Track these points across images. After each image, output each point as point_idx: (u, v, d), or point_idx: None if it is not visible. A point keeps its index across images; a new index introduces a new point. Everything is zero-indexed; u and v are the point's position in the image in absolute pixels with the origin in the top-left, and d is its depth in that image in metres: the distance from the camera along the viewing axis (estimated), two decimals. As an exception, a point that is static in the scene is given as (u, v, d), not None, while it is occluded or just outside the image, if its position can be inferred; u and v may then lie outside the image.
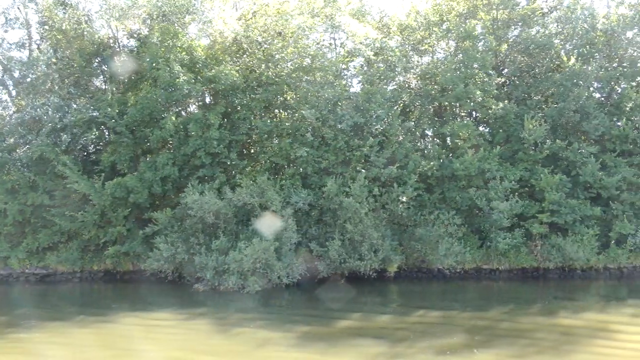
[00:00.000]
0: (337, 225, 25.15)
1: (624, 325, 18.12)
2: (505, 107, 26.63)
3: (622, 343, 16.24)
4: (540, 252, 26.71)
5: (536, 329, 17.65)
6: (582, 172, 26.46)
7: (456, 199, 26.58)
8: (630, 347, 15.88)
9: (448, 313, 19.96)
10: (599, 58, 27.36)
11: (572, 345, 16.05)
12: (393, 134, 26.43)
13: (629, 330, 17.59)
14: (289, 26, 25.04)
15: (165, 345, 16.81)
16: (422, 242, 25.56)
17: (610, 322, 18.43)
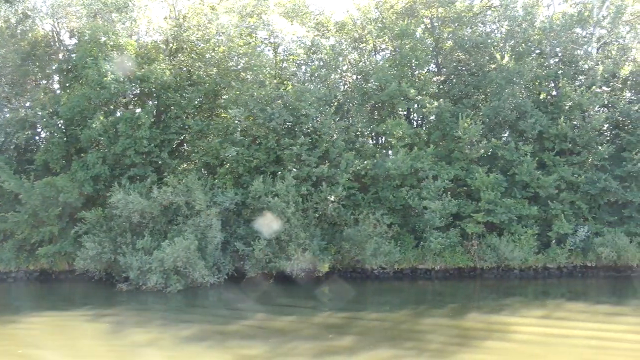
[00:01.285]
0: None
1: (524, 327, 17.72)
2: (441, 105, 26.21)
3: (509, 343, 15.89)
4: (476, 251, 26.28)
5: (433, 331, 17.30)
6: (518, 171, 26.02)
7: (390, 198, 26.20)
8: (511, 348, 15.50)
9: (356, 314, 19.57)
10: (537, 56, 26.89)
11: (458, 346, 15.64)
12: (326, 133, 26.10)
13: (525, 331, 17.19)
14: (217, 24, 24.78)
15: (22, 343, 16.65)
16: (351, 242, 25.20)
17: (513, 323, 18.02)
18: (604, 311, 19.85)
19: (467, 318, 18.90)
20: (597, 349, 15.48)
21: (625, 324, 17.96)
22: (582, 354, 15.14)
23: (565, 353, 15.20)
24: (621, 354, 15.18)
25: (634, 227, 26.89)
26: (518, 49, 26.75)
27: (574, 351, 15.32)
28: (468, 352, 15.12)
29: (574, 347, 15.60)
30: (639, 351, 15.43)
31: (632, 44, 28.03)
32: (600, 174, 27.05)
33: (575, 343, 15.93)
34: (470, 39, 26.75)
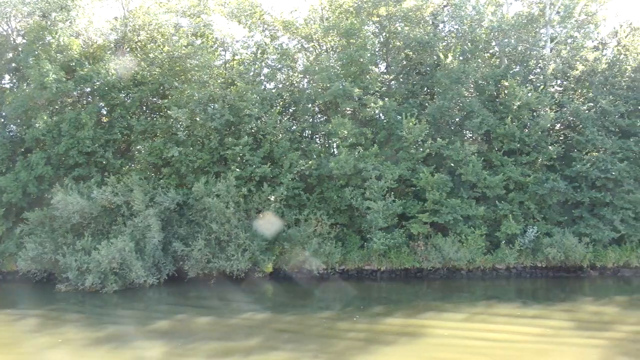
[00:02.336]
0: (204, 225, 24.72)
1: (440, 329, 17.48)
2: (386, 104, 25.93)
3: (414, 345, 15.69)
4: (422, 252, 25.98)
5: (343, 333, 17.07)
6: (464, 171, 25.69)
7: (334, 198, 25.97)
8: (412, 350, 15.32)
9: (275, 316, 19.40)
10: (484, 56, 26.57)
11: (358, 349, 15.46)
12: (270, 133, 25.91)
13: (437, 333, 16.96)
14: (156, 24, 24.66)
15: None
16: (292, 242, 25.00)
17: (430, 325, 17.84)
18: (530, 313, 19.50)
19: (386, 320, 18.62)
20: (497, 349, 15.35)
21: (541, 327, 17.66)
22: (479, 354, 14.89)
23: (463, 353, 15.01)
24: (513, 354, 15.07)
25: (583, 228, 26.51)
26: (464, 49, 26.39)
27: (473, 351, 15.19)
28: (365, 355, 14.90)
29: (475, 348, 15.49)
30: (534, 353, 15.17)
31: (583, 43, 27.58)
32: (550, 174, 26.71)
33: (479, 344, 15.79)
34: (416, 38, 26.42)
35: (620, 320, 18.47)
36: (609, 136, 27.13)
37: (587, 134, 26.43)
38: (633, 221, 26.68)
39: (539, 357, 15.04)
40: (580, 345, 15.71)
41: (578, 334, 16.87)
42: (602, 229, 26.42)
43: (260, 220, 25.04)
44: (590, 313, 19.53)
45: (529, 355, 15.15)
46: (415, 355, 15.15)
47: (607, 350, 15.20)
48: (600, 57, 27.76)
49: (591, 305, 20.78)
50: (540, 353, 15.25)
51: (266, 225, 25.04)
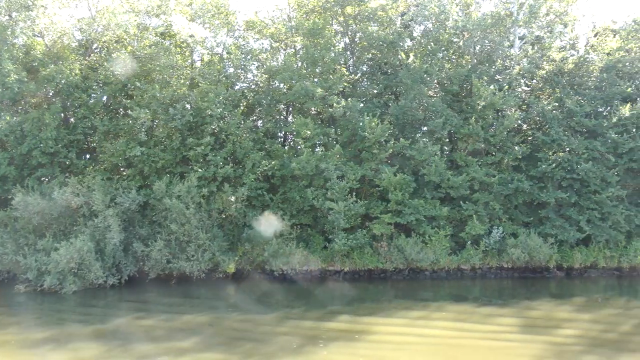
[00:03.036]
0: (165, 226, 24.66)
1: (383, 329, 17.30)
2: (348, 104, 25.81)
3: (352, 348, 15.55)
4: (386, 253, 25.85)
5: (283, 334, 16.94)
6: (427, 171, 25.55)
7: (297, 199, 25.86)
8: (348, 351, 15.20)
9: (223, 316, 19.25)
10: (448, 56, 26.40)
11: (291, 351, 15.31)
12: (232, 133, 25.83)
13: (376, 333, 16.80)
14: (115, 24, 24.59)
15: None
16: (252, 242, 24.91)
17: (377, 324, 17.70)
18: (482, 313, 19.37)
19: (333, 320, 18.47)
20: (431, 346, 15.47)
21: (487, 326, 17.54)
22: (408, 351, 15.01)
23: (395, 350, 15.12)
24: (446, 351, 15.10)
25: (549, 228, 26.37)
26: (427, 48, 26.24)
27: (405, 348, 15.31)
28: (294, 355, 14.83)
29: (409, 345, 15.63)
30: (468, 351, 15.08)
31: (550, 43, 27.39)
32: (516, 175, 26.56)
33: (414, 343, 15.87)
34: (380, 38, 26.29)
35: (569, 321, 18.31)
36: (575, 136, 26.97)
37: (552, 134, 26.26)
38: (599, 222, 26.51)
39: (470, 355, 14.92)
40: (517, 346, 15.57)
41: (520, 334, 16.78)
42: (567, 230, 26.28)
43: (258, 220, 25.02)
44: (542, 314, 19.36)
45: (459, 353, 15.06)
46: (347, 354, 15.05)
47: (541, 351, 15.05)
48: (567, 57, 27.57)
49: (545, 305, 20.60)
50: (474, 351, 15.14)
51: (263, 225, 24.98)
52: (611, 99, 27.11)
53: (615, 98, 27.10)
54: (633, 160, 26.85)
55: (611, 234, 26.61)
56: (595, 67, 27.65)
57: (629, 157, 26.74)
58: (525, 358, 14.65)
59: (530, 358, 14.62)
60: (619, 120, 26.52)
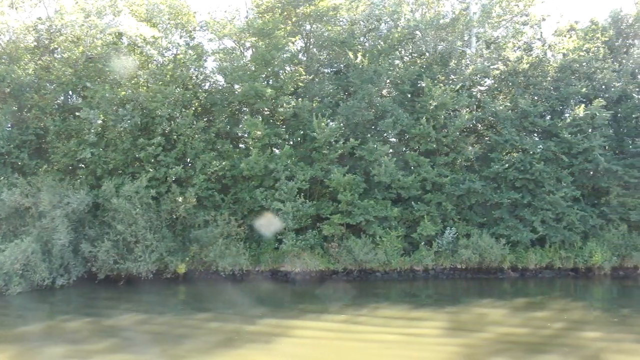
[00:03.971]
0: (113, 227, 24.70)
1: (307, 330, 17.23)
2: (299, 105, 25.75)
3: (261, 349, 15.50)
4: (336, 254, 25.77)
5: (203, 334, 16.87)
6: (376, 172, 25.44)
7: (247, 199, 25.84)
8: (260, 350, 15.23)
9: (152, 317, 19.07)
10: (399, 55, 26.28)
11: (203, 350, 15.29)
12: (183, 134, 25.84)
13: (298, 334, 16.72)
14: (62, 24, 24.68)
15: None
16: (200, 243, 24.91)
17: (299, 327, 17.57)
18: (413, 315, 19.22)
19: (262, 321, 18.34)
20: (346, 347, 15.37)
21: (413, 328, 17.42)
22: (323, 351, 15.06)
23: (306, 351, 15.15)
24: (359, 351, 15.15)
25: (503, 229, 26.19)
26: (378, 48, 26.13)
27: (321, 349, 15.32)
28: (207, 355, 14.84)
29: (325, 347, 15.61)
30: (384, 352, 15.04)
31: (505, 43, 27.21)
32: (469, 175, 26.41)
33: (332, 344, 15.82)
34: (331, 38, 26.22)
35: (497, 323, 18.12)
36: (530, 136, 26.79)
37: (505, 134, 26.08)
38: (553, 222, 26.31)
39: (385, 355, 14.87)
40: (429, 349, 15.45)
41: (438, 337, 16.57)
42: (521, 230, 26.09)
43: (259, 220, 25.10)
44: (474, 316, 19.18)
45: (373, 353, 15.05)
46: (258, 354, 15.01)
47: (450, 354, 14.91)
48: (522, 57, 27.38)
49: (482, 307, 20.40)
50: (379, 354, 15.10)
51: (265, 225, 25.06)
52: (566, 99, 26.90)
53: (571, 98, 26.89)
54: (588, 161, 26.65)
55: (566, 235, 26.41)
56: (551, 67, 27.43)
57: (584, 157, 26.54)
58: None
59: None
60: (574, 121, 26.30)
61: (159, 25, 26.34)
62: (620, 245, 26.78)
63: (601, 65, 27.75)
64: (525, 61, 27.27)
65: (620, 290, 24.97)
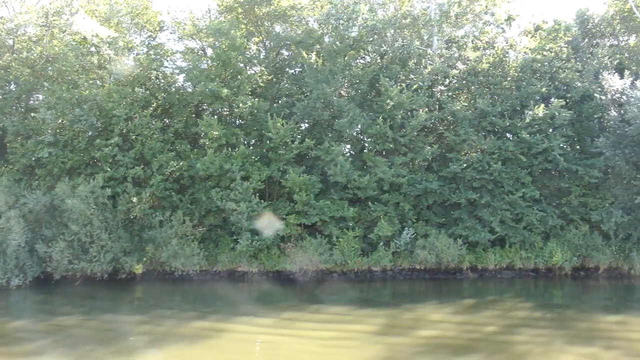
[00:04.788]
0: (68, 227, 24.76)
1: (236, 332, 17.23)
2: (255, 105, 25.74)
3: (183, 347, 15.54)
4: (293, 254, 25.72)
5: (128, 335, 16.94)
6: (332, 172, 25.40)
7: (203, 199, 25.85)
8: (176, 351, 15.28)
9: (87, 319, 19.07)
10: (356, 55, 26.25)
11: (118, 352, 15.33)
12: (141, 134, 25.89)
13: (225, 336, 16.74)
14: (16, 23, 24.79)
15: None
16: (154, 243, 24.94)
17: (229, 330, 17.55)
18: (354, 314, 19.22)
19: (194, 322, 18.29)
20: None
21: (337, 331, 17.36)
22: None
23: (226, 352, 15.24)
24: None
25: (461, 229, 26.07)
26: (334, 47, 26.10)
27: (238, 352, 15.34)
28: (126, 358, 14.85)
29: (242, 349, 15.64)
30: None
31: (465, 43, 27.11)
32: (427, 175, 26.34)
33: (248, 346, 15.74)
34: (288, 38, 26.22)
35: (436, 323, 18.12)
36: (488, 136, 26.68)
37: (462, 134, 25.98)
38: (512, 223, 26.16)
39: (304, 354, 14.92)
40: (356, 348, 15.45)
41: (372, 336, 16.61)
42: (479, 231, 25.97)
43: (259, 220, 25.14)
44: (415, 315, 19.13)
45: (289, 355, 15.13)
46: (170, 355, 15.05)
47: (375, 351, 14.89)
48: (482, 57, 27.29)
49: (427, 307, 20.34)
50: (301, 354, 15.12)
51: (264, 225, 25.12)
52: (526, 99, 26.76)
53: (531, 98, 26.75)
54: (548, 161, 26.50)
55: (525, 235, 26.27)
56: (512, 67, 27.32)
57: (544, 157, 26.40)
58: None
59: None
60: (533, 121, 26.17)
61: (119, 25, 26.37)
62: (580, 245, 26.61)
63: (564, 65, 27.60)
64: (485, 61, 27.17)
65: (576, 290, 24.88)
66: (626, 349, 15.71)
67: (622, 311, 19.96)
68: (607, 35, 31.11)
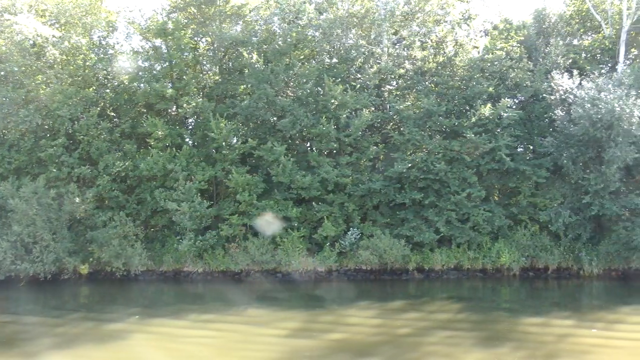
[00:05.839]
0: (11, 227, 24.90)
1: (139, 333, 17.30)
2: (198, 105, 25.77)
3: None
4: (237, 254, 25.75)
5: (38, 337, 17.05)
6: (274, 172, 25.39)
7: (148, 199, 25.93)
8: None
9: (19, 319, 19.47)
10: (300, 55, 26.23)
11: (25, 354, 15.45)
12: (87, 134, 25.98)
13: (126, 337, 16.83)
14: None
15: None
16: (96, 243, 25.03)
17: (132, 330, 17.70)
18: (273, 316, 19.22)
19: (115, 322, 18.49)
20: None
21: (214, 330, 17.48)
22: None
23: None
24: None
25: (406, 230, 25.98)
26: (276, 47, 26.08)
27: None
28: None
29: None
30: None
31: (413, 42, 26.99)
32: (372, 175, 26.27)
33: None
34: (231, 38, 26.23)
35: (349, 326, 18.11)
36: (435, 136, 26.56)
37: (406, 134, 25.87)
38: (458, 223, 26.03)
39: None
40: (257, 349, 15.49)
41: (284, 337, 16.72)
42: (424, 231, 25.86)
43: (259, 221, 25.34)
44: (335, 317, 19.21)
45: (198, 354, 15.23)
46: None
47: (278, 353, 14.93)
48: (428, 57, 27.18)
49: (353, 309, 20.46)
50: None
51: (264, 225, 25.26)
52: (473, 99, 26.61)
53: (478, 97, 26.58)
54: (495, 161, 26.34)
55: (472, 235, 26.14)
56: (460, 67, 27.18)
57: (491, 157, 26.25)
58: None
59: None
60: (479, 120, 26.01)
61: (66, 25, 26.47)
62: (528, 246, 26.44)
63: (515, 64, 27.40)
64: (433, 60, 27.05)
65: (518, 292, 24.79)
66: (533, 350, 15.66)
67: (548, 313, 19.79)
68: (564, 35, 30.83)
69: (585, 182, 25.49)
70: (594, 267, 26.04)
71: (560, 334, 17.12)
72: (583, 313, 20.10)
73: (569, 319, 19.05)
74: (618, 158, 24.61)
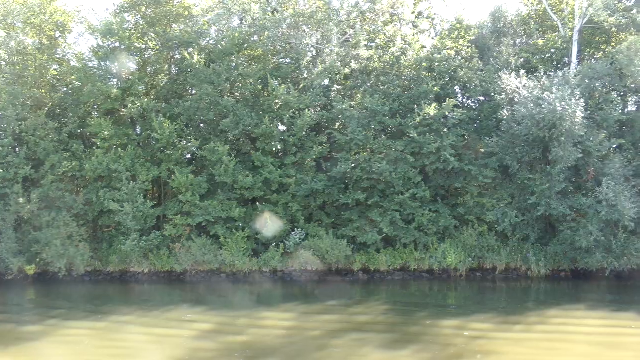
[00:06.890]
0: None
1: (78, 335, 17.48)
2: (143, 105, 25.91)
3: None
4: (179, 254, 25.87)
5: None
6: (217, 172, 25.46)
7: (94, 200, 26.11)
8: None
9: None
10: (243, 55, 26.27)
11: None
12: (34, 135, 26.20)
13: (64, 338, 17.00)
14: None
15: None
16: (40, 244, 25.24)
17: (68, 327, 17.84)
18: (184, 318, 19.34)
19: (34, 323, 18.71)
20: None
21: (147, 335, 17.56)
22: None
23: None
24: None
25: (350, 230, 25.96)
26: (219, 47, 26.14)
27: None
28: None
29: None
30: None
31: (358, 41, 26.90)
32: (315, 175, 26.25)
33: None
34: (176, 38, 26.33)
35: (261, 328, 18.14)
36: (379, 136, 26.47)
37: (348, 134, 25.82)
38: (402, 223, 25.93)
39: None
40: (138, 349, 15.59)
41: (193, 338, 16.88)
42: (367, 232, 25.82)
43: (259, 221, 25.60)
44: (251, 319, 19.21)
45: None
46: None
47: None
48: (374, 56, 27.08)
49: (273, 311, 20.74)
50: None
51: (264, 226, 25.56)
52: (418, 98, 26.47)
53: (425, 97, 26.44)
54: (441, 161, 26.19)
55: (417, 236, 26.05)
56: (406, 66, 27.06)
57: (437, 157, 26.11)
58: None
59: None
60: (424, 120, 25.88)
61: (12, 25, 26.72)
62: (475, 246, 26.33)
63: (464, 64, 27.24)
64: (379, 60, 26.95)
65: (460, 292, 24.73)
66: (437, 352, 15.59)
67: (467, 314, 19.66)
68: (520, 34, 30.63)
69: (531, 182, 25.31)
70: (542, 267, 25.88)
71: (473, 336, 17.04)
72: (508, 314, 19.95)
73: (490, 321, 18.89)
74: (561, 158, 24.41)
